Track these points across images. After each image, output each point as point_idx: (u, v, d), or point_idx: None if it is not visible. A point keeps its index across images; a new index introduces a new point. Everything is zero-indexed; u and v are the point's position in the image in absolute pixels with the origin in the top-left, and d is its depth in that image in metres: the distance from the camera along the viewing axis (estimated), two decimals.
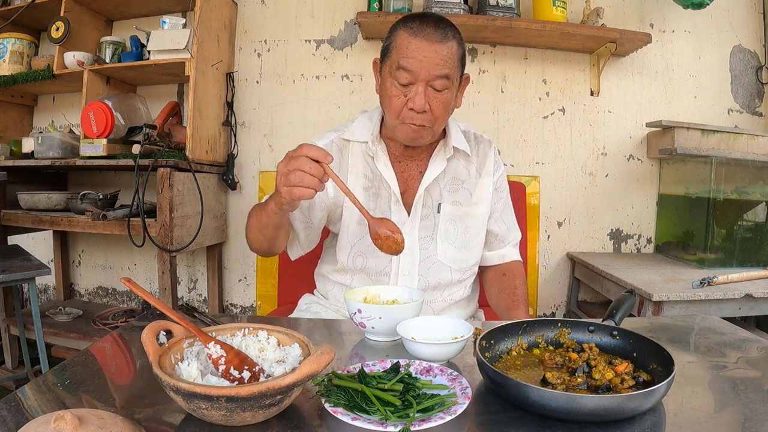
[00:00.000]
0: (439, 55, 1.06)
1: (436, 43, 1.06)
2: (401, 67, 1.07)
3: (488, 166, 1.29)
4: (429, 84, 1.07)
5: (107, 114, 2.05)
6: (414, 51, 1.06)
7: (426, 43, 1.06)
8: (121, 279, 0.75)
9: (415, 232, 1.20)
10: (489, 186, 1.28)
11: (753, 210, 2.13)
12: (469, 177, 1.26)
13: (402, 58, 1.07)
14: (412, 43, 1.06)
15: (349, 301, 0.95)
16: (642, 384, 0.71)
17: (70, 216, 2.08)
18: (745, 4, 2.47)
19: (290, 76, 2.45)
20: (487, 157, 1.29)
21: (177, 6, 2.35)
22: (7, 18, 2.34)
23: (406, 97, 1.08)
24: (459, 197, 1.24)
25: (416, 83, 1.07)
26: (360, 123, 1.24)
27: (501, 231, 1.32)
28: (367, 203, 1.20)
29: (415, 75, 1.06)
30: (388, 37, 1.14)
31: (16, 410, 0.64)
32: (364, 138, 1.21)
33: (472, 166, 1.27)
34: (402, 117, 1.10)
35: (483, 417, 0.65)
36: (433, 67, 1.06)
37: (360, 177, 1.21)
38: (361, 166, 1.22)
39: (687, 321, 1.11)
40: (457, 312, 1.28)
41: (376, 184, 1.21)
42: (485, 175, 1.28)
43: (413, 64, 1.05)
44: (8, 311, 2.40)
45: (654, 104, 2.46)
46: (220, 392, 0.57)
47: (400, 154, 1.23)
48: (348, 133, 1.23)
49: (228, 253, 2.53)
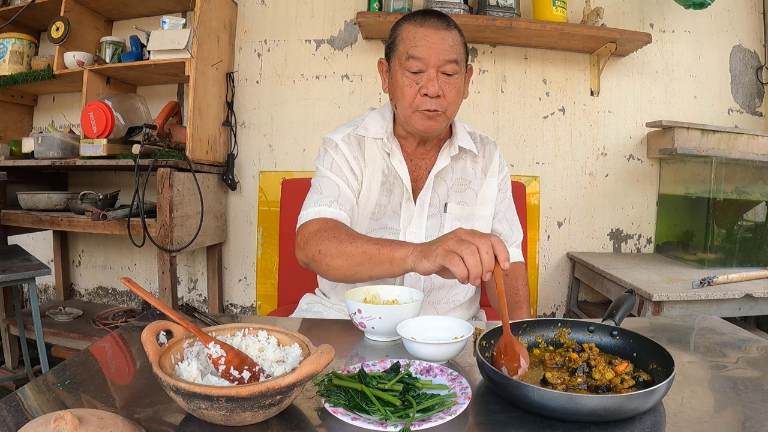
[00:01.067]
0: (446, 42, 1.10)
1: (442, 31, 1.11)
2: (411, 56, 1.10)
3: (494, 166, 1.30)
4: (440, 70, 1.11)
5: (107, 114, 2.05)
6: (421, 39, 1.10)
7: (433, 31, 1.10)
8: (121, 279, 0.75)
9: (422, 231, 1.22)
10: (494, 187, 1.30)
11: (753, 210, 2.13)
12: (475, 177, 1.28)
13: (411, 48, 1.10)
14: (419, 33, 1.11)
15: (349, 301, 0.95)
16: (642, 384, 0.71)
17: (70, 216, 2.08)
18: (745, 4, 2.47)
19: (290, 76, 2.45)
20: (493, 158, 1.31)
21: (177, 6, 2.35)
22: (7, 18, 2.34)
23: (419, 85, 1.11)
24: (465, 198, 1.26)
25: (427, 70, 1.10)
26: (373, 120, 1.25)
27: (504, 230, 1.33)
28: (382, 198, 1.22)
29: (425, 62, 1.10)
30: (391, 34, 1.17)
31: (16, 410, 0.64)
32: (379, 134, 1.22)
33: (478, 167, 1.29)
34: (416, 104, 1.12)
35: (483, 417, 0.65)
36: (442, 52, 1.10)
37: (377, 172, 1.23)
38: (378, 161, 1.23)
39: (687, 321, 1.11)
40: (459, 314, 1.28)
41: (390, 180, 1.22)
42: (490, 176, 1.30)
43: (423, 51, 1.09)
44: (8, 311, 2.40)
45: (654, 104, 2.46)
46: (220, 392, 0.57)
47: (412, 152, 1.25)
48: (362, 129, 1.24)
49: (228, 253, 2.53)
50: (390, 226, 1.21)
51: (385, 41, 2.38)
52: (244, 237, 2.50)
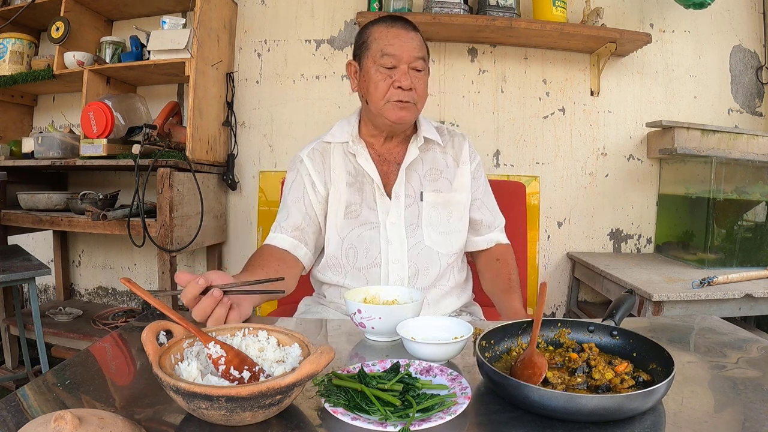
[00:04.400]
0: (415, 41, 1.23)
1: (411, 32, 1.24)
2: (385, 53, 1.21)
3: (464, 156, 1.38)
4: (410, 66, 1.22)
5: (107, 114, 2.05)
6: (394, 38, 1.22)
7: (403, 31, 1.23)
8: (121, 279, 0.75)
9: (402, 221, 1.28)
10: (467, 174, 1.37)
11: (753, 210, 2.13)
12: (447, 167, 1.36)
13: (385, 46, 1.21)
14: (390, 32, 1.23)
15: (349, 302, 0.95)
16: (642, 384, 0.71)
17: (70, 216, 2.08)
18: (745, 4, 2.47)
19: (290, 76, 2.45)
20: (462, 148, 1.39)
21: (177, 6, 2.35)
22: (7, 18, 2.34)
23: (392, 79, 1.21)
24: (439, 186, 1.33)
25: (399, 66, 1.21)
26: (338, 127, 1.36)
27: (486, 218, 1.40)
28: (352, 197, 1.29)
29: (398, 58, 1.21)
30: (360, 36, 1.28)
31: (16, 410, 0.64)
32: (343, 139, 1.32)
33: (449, 157, 1.37)
34: (388, 96, 1.22)
35: (483, 417, 0.65)
36: (413, 49, 1.22)
37: (343, 174, 1.31)
38: (342, 164, 1.32)
39: (687, 321, 1.11)
40: (451, 302, 1.33)
41: (359, 180, 1.30)
42: (462, 164, 1.37)
43: (396, 48, 1.21)
44: (8, 311, 2.40)
45: (654, 104, 2.46)
46: (220, 392, 0.57)
47: (380, 149, 1.32)
48: (328, 136, 1.35)
49: (228, 253, 2.53)
50: (370, 220, 1.28)
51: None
52: (244, 237, 2.50)
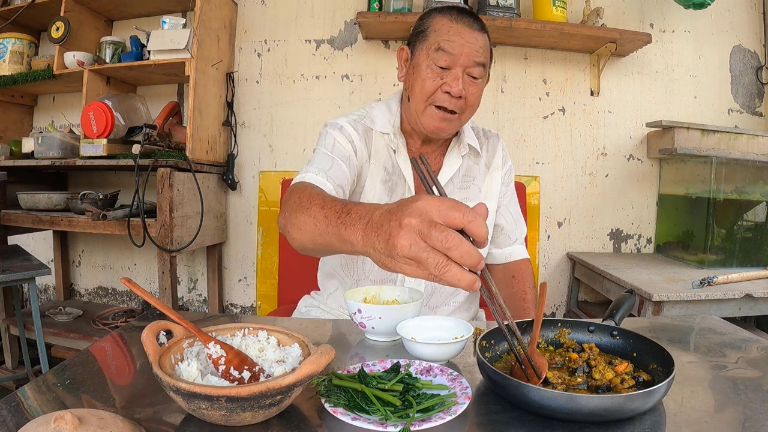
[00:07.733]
0: (478, 43, 1.07)
1: (476, 31, 1.08)
2: (441, 49, 1.06)
3: (497, 160, 1.28)
4: (466, 71, 1.07)
5: (107, 114, 2.04)
6: (455, 35, 1.06)
7: (467, 29, 1.07)
8: (121, 279, 0.75)
9: None
10: (497, 180, 1.27)
11: (753, 210, 2.12)
12: (479, 173, 1.25)
13: (443, 41, 1.06)
14: (453, 28, 1.07)
15: (349, 301, 0.94)
16: (642, 384, 0.71)
17: (70, 216, 2.08)
18: (745, 4, 2.47)
19: (290, 76, 2.45)
20: (496, 151, 1.28)
21: (177, 6, 2.35)
22: (7, 18, 2.34)
23: (442, 80, 1.07)
24: (469, 194, 1.23)
25: (454, 68, 1.07)
26: (379, 112, 1.20)
27: (507, 224, 1.29)
28: (382, 197, 1.17)
29: (454, 59, 1.06)
30: (421, 22, 1.13)
31: (16, 410, 0.64)
32: (385, 129, 1.18)
33: (482, 162, 1.26)
34: (433, 99, 1.08)
35: (483, 417, 0.65)
36: (473, 52, 1.06)
37: (381, 168, 1.18)
38: (383, 157, 1.18)
39: (687, 321, 1.11)
40: (459, 315, 1.27)
41: (394, 179, 1.18)
42: (494, 170, 1.27)
43: (455, 47, 1.06)
44: (8, 311, 2.40)
45: (654, 104, 2.46)
46: (220, 392, 0.57)
47: (417, 151, 1.20)
48: (368, 120, 1.19)
49: (228, 253, 2.53)
50: None
51: (384, 41, 2.40)
52: (244, 237, 2.50)
